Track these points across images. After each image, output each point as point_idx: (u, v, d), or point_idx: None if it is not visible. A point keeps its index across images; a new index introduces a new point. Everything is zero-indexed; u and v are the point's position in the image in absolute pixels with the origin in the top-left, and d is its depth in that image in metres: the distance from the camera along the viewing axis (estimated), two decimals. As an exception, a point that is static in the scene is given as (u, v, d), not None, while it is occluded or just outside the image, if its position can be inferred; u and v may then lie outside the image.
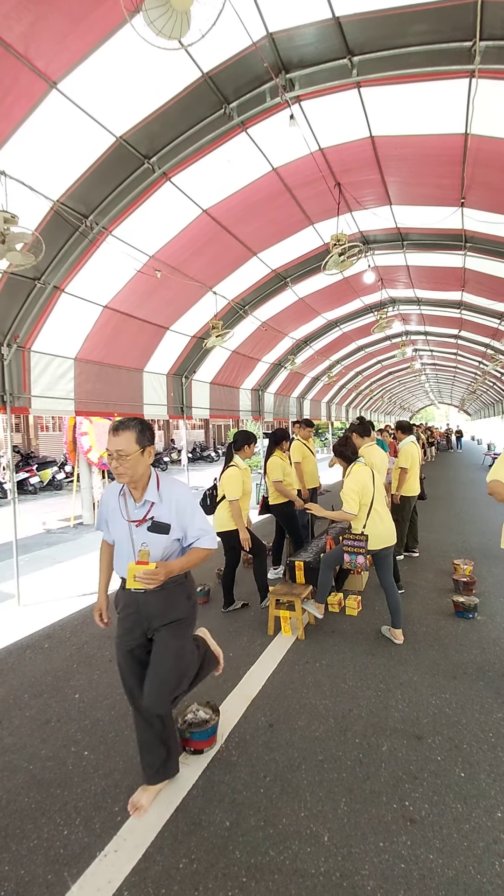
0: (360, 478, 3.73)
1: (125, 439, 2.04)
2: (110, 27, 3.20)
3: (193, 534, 2.22)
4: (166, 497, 2.18)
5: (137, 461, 2.07)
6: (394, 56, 3.69)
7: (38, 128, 3.66)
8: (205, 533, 2.24)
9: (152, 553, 2.13)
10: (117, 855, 2.02)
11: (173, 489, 2.22)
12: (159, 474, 2.24)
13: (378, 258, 8.00)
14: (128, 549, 2.19)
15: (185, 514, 2.20)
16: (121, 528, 2.21)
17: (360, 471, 3.78)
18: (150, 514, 2.16)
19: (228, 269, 6.89)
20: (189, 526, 2.21)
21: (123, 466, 2.05)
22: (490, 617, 4.28)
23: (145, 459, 2.12)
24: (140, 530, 2.16)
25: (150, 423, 2.23)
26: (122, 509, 2.21)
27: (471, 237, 6.56)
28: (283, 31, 3.64)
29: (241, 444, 4.46)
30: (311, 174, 5.30)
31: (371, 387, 22.23)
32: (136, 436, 2.06)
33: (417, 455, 5.75)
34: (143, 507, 2.17)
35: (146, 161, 4.45)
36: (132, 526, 2.17)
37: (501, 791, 2.30)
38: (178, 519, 2.19)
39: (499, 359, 12.47)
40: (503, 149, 4.37)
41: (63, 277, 5.07)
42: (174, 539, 2.20)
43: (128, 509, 2.21)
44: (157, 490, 2.18)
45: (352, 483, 3.73)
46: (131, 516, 2.19)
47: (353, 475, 3.77)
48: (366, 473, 3.78)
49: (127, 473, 2.07)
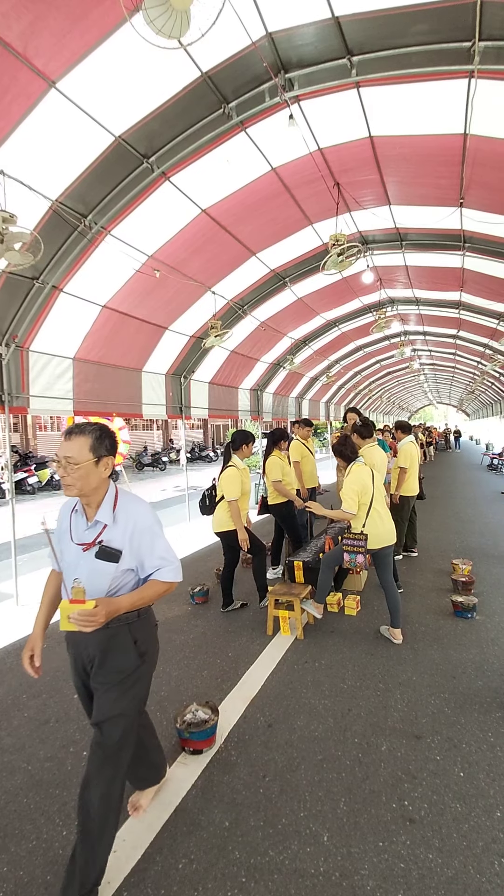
0: (359, 477, 3.73)
1: (77, 445, 1.76)
2: (109, 26, 3.19)
3: (152, 563, 1.88)
4: (122, 518, 1.84)
5: (89, 472, 1.77)
6: (393, 56, 3.69)
7: (36, 127, 3.65)
8: (166, 563, 1.89)
9: (97, 585, 1.79)
10: (116, 856, 2.01)
11: (131, 509, 1.87)
12: (119, 491, 1.91)
13: (377, 258, 8.00)
14: (73, 578, 1.83)
15: (143, 539, 1.85)
16: (69, 553, 1.86)
17: (359, 470, 3.79)
18: (101, 537, 1.82)
19: (227, 269, 6.89)
20: (147, 555, 1.86)
21: (71, 477, 1.75)
22: (489, 616, 4.29)
23: (99, 472, 1.80)
24: (88, 556, 1.81)
25: (112, 431, 1.89)
26: (72, 530, 1.88)
27: (469, 237, 6.57)
28: (283, 30, 3.64)
29: (240, 443, 4.46)
30: (310, 174, 5.30)
31: (370, 387, 22.25)
32: (91, 443, 1.77)
33: (416, 455, 5.75)
34: (94, 529, 1.83)
35: (145, 160, 4.45)
36: (80, 551, 1.83)
37: (500, 790, 2.30)
38: (134, 546, 1.84)
39: (497, 359, 12.48)
40: (502, 149, 4.37)
41: (62, 277, 5.06)
42: (126, 569, 1.84)
43: (77, 530, 1.87)
44: (112, 509, 1.84)
45: (351, 483, 3.73)
46: (79, 538, 1.85)
47: (353, 475, 3.78)
48: (365, 473, 3.78)
49: (75, 485, 1.77)
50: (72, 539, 1.86)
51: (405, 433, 5.94)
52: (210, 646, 3.90)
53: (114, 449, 1.87)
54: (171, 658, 3.71)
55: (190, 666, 3.58)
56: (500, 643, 3.78)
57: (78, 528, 1.87)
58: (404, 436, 5.92)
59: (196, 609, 4.72)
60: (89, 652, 1.88)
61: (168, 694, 3.22)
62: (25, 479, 15.23)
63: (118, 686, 1.85)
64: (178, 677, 3.43)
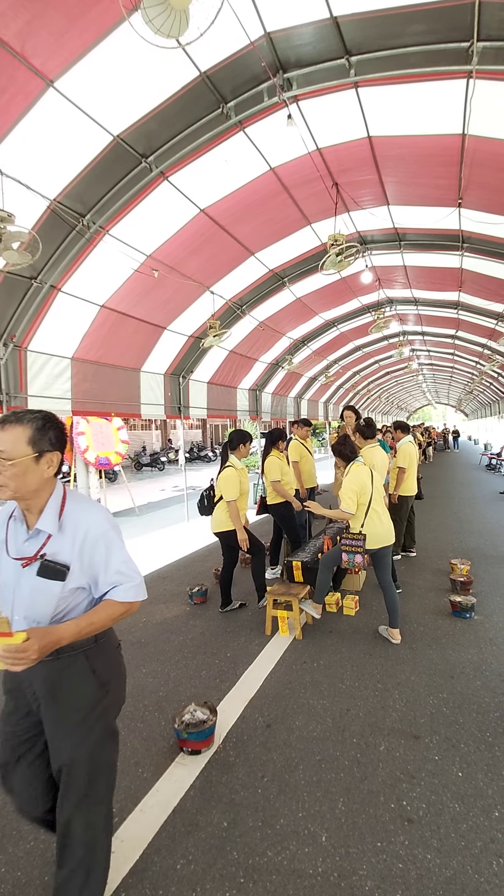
0: (358, 477, 3.73)
1: (12, 437, 1.43)
2: (107, 25, 3.19)
3: (108, 580, 1.55)
4: (70, 527, 1.51)
5: (27, 470, 1.45)
6: (391, 56, 3.69)
7: (34, 126, 3.64)
8: (126, 578, 1.56)
9: (40, 608, 1.49)
10: (114, 857, 1.99)
11: (82, 516, 1.54)
12: (68, 494, 1.58)
13: (375, 258, 8.00)
14: (10, 599, 1.52)
15: (97, 551, 1.53)
16: (5, 570, 1.52)
17: (358, 470, 3.78)
18: (44, 550, 1.50)
19: (226, 269, 6.88)
20: (101, 569, 1.54)
21: (4, 476, 1.43)
22: (487, 616, 4.29)
23: (41, 470, 1.48)
24: (28, 573, 1.49)
25: (60, 422, 1.55)
26: (8, 541, 1.54)
27: (468, 237, 6.58)
28: (281, 30, 3.64)
29: (237, 443, 4.46)
30: (308, 174, 5.30)
31: (368, 387, 22.26)
32: (30, 434, 1.45)
33: (415, 454, 5.76)
34: (35, 540, 1.51)
35: (143, 160, 4.44)
36: (19, 567, 1.50)
37: (499, 790, 2.30)
38: (85, 559, 1.51)
39: (496, 359, 12.50)
40: (500, 149, 4.38)
41: (60, 276, 5.05)
42: (75, 588, 1.51)
43: (16, 541, 1.54)
44: (57, 516, 1.51)
45: (350, 483, 3.73)
46: (18, 552, 1.52)
47: (352, 474, 3.77)
48: (364, 473, 3.78)
49: (9, 486, 1.44)
50: (8, 552, 1.53)
51: (404, 433, 5.95)
52: (208, 646, 3.90)
53: (61, 443, 1.54)
54: (170, 658, 3.70)
55: (188, 666, 3.58)
56: (499, 643, 3.78)
57: (16, 539, 1.54)
58: (403, 436, 5.93)
59: (194, 609, 4.72)
60: (33, 689, 1.58)
61: (166, 694, 3.21)
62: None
63: (79, 726, 1.56)
64: (176, 677, 3.42)
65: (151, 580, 5.69)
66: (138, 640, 4.04)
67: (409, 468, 5.61)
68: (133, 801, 2.30)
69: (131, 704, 3.10)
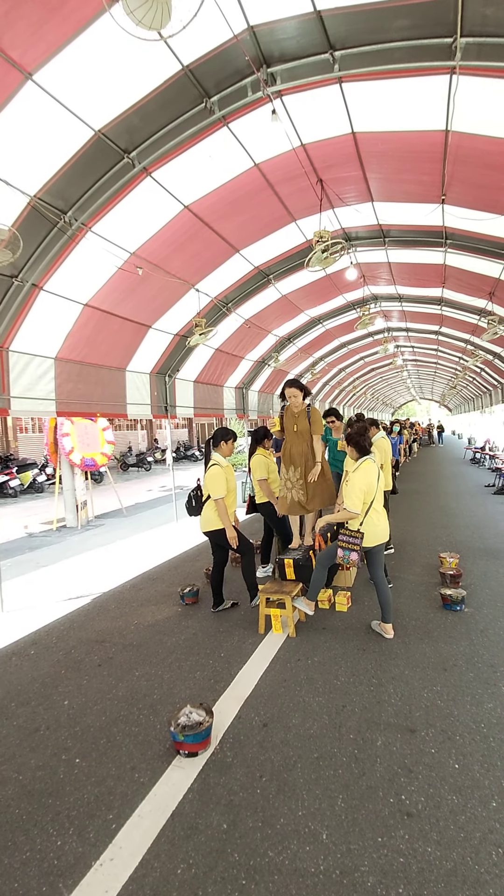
0: (367, 475, 3.68)
1: None
2: (87, 17, 3.12)
3: None
4: None
5: None
6: (375, 51, 3.69)
7: (12, 120, 3.56)
8: None
9: None
10: (113, 863, 1.97)
11: None
12: None
13: (360, 255, 8.03)
14: None
15: None
16: None
17: (368, 468, 3.72)
18: None
19: (211, 266, 6.83)
20: None
21: None
22: (477, 608, 4.34)
23: None
24: None
25: None
26: None
27: (451, 234, 6.63)
28: (265, 24, 3.60)
29: (219, 440, 4.42)
30: (293, 170, 5.28)
31: (354, 383, 22.38)
32: None
33: (388, 449, 5.81)
34: None
35: (126, 155, 4.37)
36: None
37: (495, 781, 2.33)
38: None
39: (479, 354, 12.67)
40: (483, 145, 4.41)
41: (41, 275, 4.95)
42: None
43: None
44: None
45: (359, 481, 3.65)
46: None
47: (362, 472, 3.70)
48: (373, 472, 3.72)
49: None
50: None
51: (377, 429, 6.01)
52: (202, 647, 3.87)
53: None
54: (163, 660, 3.67)
55: (182, 668, 3.55)
56: (489, 634, 3.83)
57: None
58: (376, 431, 5.97)
59: (186, 610, 4.68)
60: None
61: (161, 697, 3.18)
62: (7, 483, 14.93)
63: None
64: (170, 679, 3.39)
65: (142, 582, 5.63)
66: (130, 642, 3.99)
67: (385, 463, 5.65)
68: (130, 807, 2.27)
69: (125, 709, 3.06)
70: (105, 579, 5.77)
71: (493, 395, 18.12)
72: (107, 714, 3.02)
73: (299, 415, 4.90)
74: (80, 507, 9.48)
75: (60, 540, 8.36)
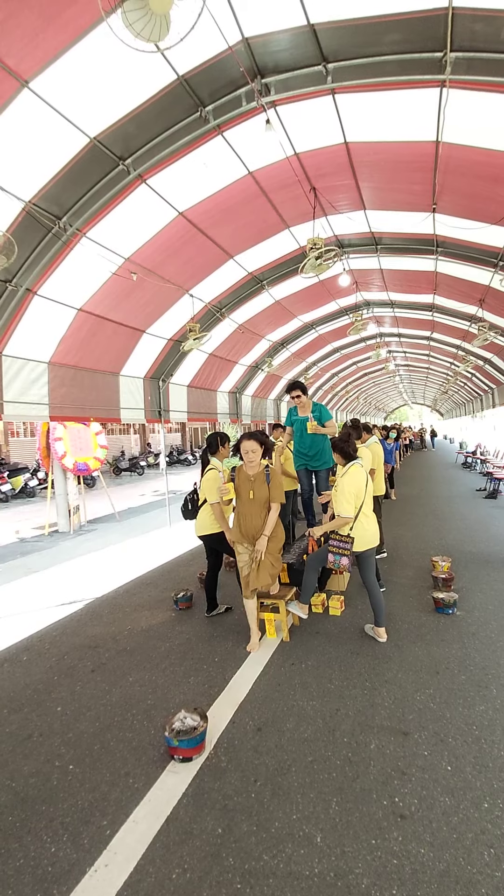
0: (356, 480, 3.72)
1: None
2: (84, 26, 3.15)
3: None
4: None
5: None
6: (367, 64, 3.76)
7: (8, 127, 3.58)
8: None
9: None
10: (108, 870, 1.97)
11: None
12: None
13: (353, 261, 8.11)
14: None
15: None
16: None
17: (356, 472, 3.76)
18: None
19: (205, 272, 6.87)
20: None
21: None
22: (469, 612, 4.39)
23: None
24: None
25: None
26: None
27: (442, 242, 6.73)
28: (259, 36, 3.66)
29: (216, 446, 4.45)
30: (286, 178, 5.34)
31: (347, 388, 22.51)
32: None
33: (380, 454, 5.87)
34: None
35: (121, 162, 4.40)
36: None
37: (487, 782, 2.36)
38: None
39: (469, 360, 12.81)
40: (472, 156, 4.50)
41: (36, 280, 4.96)
42: None
43: None
44: None
45: (348, 485, 3.69)
46: None
47: (350, 476, 3.74)
48: (361, 476, 3.77)
49: None
50: None
51: (369, 434, 6.07)
52: (196, 651, 3.87)
53: None
54: (157, 665, 3.66)
55: (176, 672, 3.54)
56: (481, 637, 3.87)
57: None
58: (368, 436, 6.03)
59: (180, 615, 4.68)
60: None
61: (155, 702, 3.17)
62: (-1, 487, 14.81)
63: None
64: (164, 684, 3.38)
65: (135, 586, 5.62)
66: (124, 648, 3.98)
67: (377, 468, 5.70)
68: (125, 813, 2.27)
69: (119, 714, 3.06)
70: (98, 584, 5.74)
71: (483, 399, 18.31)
72: (100, 720, 3.01)
73: (256, 478, 3.68)
74: (73, 512, 9.43)
75: (52, 545, 8.31)
